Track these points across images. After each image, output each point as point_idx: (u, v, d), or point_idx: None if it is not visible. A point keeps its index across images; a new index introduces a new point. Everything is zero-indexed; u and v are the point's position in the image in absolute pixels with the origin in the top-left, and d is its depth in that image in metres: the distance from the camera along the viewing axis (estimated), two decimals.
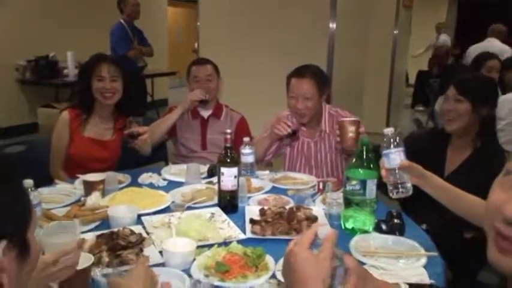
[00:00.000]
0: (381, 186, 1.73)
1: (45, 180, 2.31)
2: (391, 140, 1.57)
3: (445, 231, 1.97)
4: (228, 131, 1.92)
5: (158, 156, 3.20)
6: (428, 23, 11.01)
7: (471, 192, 1.65)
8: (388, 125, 6.68)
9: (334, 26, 3.94)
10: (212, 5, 4.34)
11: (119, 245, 1.51)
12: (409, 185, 1.57)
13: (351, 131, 2.06)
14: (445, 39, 9.64)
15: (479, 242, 1.70)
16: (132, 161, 2.69)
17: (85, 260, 1.32)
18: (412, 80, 10.21)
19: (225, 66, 3.04)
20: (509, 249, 0.76)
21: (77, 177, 2.20)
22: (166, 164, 3.05)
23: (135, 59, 5.61)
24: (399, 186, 1.57)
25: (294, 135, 2.40)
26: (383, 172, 1.57)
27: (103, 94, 2.43)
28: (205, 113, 2.89)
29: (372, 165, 1.71)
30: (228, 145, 1.91)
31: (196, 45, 6.78)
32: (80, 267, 1.28)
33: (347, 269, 1.00)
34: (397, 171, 1.56)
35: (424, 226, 2.02)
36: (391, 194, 1.60)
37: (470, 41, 6.41)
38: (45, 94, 6.36)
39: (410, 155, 2.01)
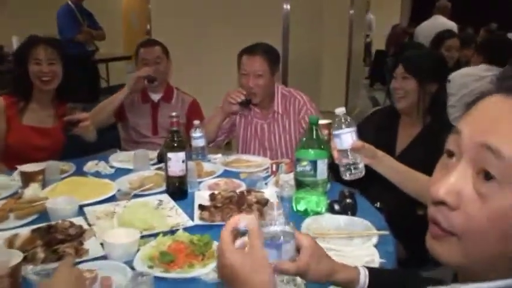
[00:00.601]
0: (333, 169, 1.70)
1: None
2: (342, 120, 1.52)
3: (398, 209, 1.95)
4: (174, 114, 1.84)
5: (110, 142, 3.09)
6: (385, 2, 11.09)
7: (421, 170, 1.63)
8: (347, 104, 6.74)
9: (288, 7, 3.87)
10: None
11: (55, 239, 1.42)
12: (361, 165, 1.53)
13: (325, 134, 1.99)
14: None
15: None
16: (81, 149, 2.57)
17: (13, 257, 1.22)
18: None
19: (177, 48, 2.94)
20: (439, 234, 0.68)
21: (16, 169, 2.06)
22: (119, 150, 2.94)
23: (84, 42, 5.38)
24: (351, 167, 1.53)
25: (247, 104, 2.35)
26: (335, 153, 1.53)
27: (40, 78, 2.28)
28: (156, 97, 2.78)
29: (322, 146, 1.66)
30: (174, 128, 1.83)
31: (148, 27, 6.62)
32: (6, 265, 1.18)
33: (299, 246, 0.98)
34: (349, 152, 1.52)
35: (377, 204, 2.01)
36: (343, 176, 1.56)
37: (426, 19, 6.46)
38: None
39: (366, 133, 2.00)
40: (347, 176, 1.55)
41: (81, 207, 1.71)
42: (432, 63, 2.14)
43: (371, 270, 1.10)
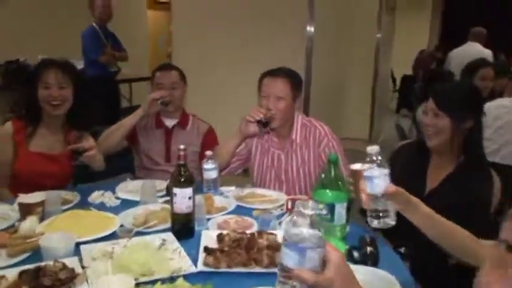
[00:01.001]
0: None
1: None
2: (375, 159, 1.35)
3: (425, 257, 1.77)
4: (182, 146, 1.71)
5: (125, 167, 2.99)
6: (413, 25, 10.92)
7: (452, 213, 1.47)
8: (371, 131, 6.56)
9: (312, 29, 3.76)
10: (185, 9, 4.15)
11: (42, 286, 1.29)
12: (392, 213, 1.36)
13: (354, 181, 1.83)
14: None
15: (464, 270, 1.52)
16: (92, 175, 2.47)
17: None
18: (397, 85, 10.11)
19: (197, 72, 2.84)
20: None
21: (18, 196, 1.96)
22: (134, 176, 2.83)
23: (107, 64, 5.36)
24: (381, 214, 1.36)
25: (265, 125, 2.19)
26: (363, 197, 1.36)
27: (50, 103, 2.20)
28: (170, 122, 2.67)
29: (340, 186, 1.50)
30: (181, 162, 1.70)
31: (170, 49, 6.61)
32: None
33: (326, 260, 0.90)
34: (380, 197, 1.34)
35: (402, 250, 1.83)
36: (371, 224, 1.39)
37: (455, 45, 6.26)
38: (16, 100, 6.09)
39: (393, 170, 1.83)
40: (375, 224, 1.38)
41: (77, 244, 1.59)
42: (467, 98, 1.92)
43: None
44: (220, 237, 1.63)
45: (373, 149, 1.35)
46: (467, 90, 2.02)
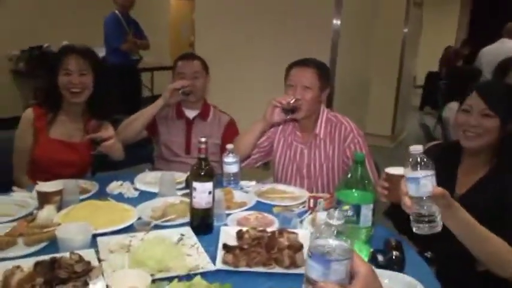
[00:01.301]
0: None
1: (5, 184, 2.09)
2: (419, 161, 1.24)
3: (452, 262, 1.69)
4: (203, 139, 1.66)
5: (145, 157, 2.97)
6: (441, 21, 10.68)
7: (482, 218, 1.40)
8: (394, 127, 6.43)
9: (339, 22, 3.66)
10: (209, 1, 4.07)
11: (57, 278, 1.26)
12: (439, 217, 1.26)
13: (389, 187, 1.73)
14: None
15: (493, 278, 1.45)
16: (112, 164, 2.45)
17: None
18: (420, 81, 9.91)
19: (220, 62, 2.78)
20: None
21: (37, 184, 1.94)
22: (153, 167, 2.81)
23: (129, 51, 5.35)
24: (427, 219, 1.26)
25: (292, 113, 2.15)
26: (406, 201, 1.26)
27: (70, 90, 2.18)
28: (191, 113, 2.63)
29: (367, 186, 1.44)
30: (202, 156, 1.65)
31: (192, 38, 6.56)
32: None
33: (354, 273, 0.86)
34: (425, 200, 1.25)
35: (428, 254, 1.76)
36: (415, 229, 1.29)
37: (483, 42, 6.08)
38: (39, 86, 6.13)
39: None
40: (419, 229, 1.28)
41: (94, 235, 1.56)
42: None
43: None
44: (239, 234, 1.58)
45: (416, 148, 1.25)
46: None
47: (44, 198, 1.75)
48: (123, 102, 4.85)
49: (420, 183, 1.23)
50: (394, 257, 1.45)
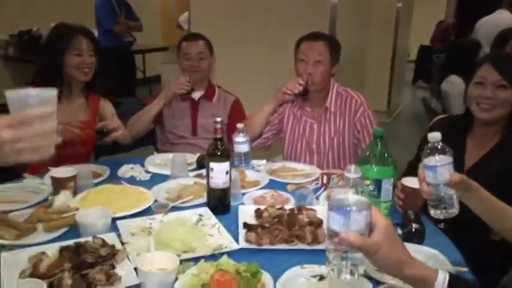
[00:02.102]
0: None
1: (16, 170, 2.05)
2: (438, 147, 1.23)
3: (466, 232, 1.71)
4: (219, 119, 1.65)
5: (146, 141, 2.96)
6: None
7: (495, 187, 1.38)
8: (389, 102, 6.45)
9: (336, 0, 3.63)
10: None
11: (85, 263, 1.26)
12: (455, 203, 1.26)
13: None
14: None
15: (506, 246, 1.48)
16: (114, 147, 2.43)
17: None
18: (413, 55, 9.90)
19: (218, 42, 2.74)
20: None
21: (48, 170, 1.93)
22: (156, 149, 2.80)
23: (121, 33, 5.28)
24: (444, 205, 1.26)
25: (304, 95, 2.18)
26: (423, 187, 1.25)
27: (82, 69, 2.19)
28: (196, 95, 2.61)
29: (386, 162, 1.45)
30: (218, 136, 1.64)
31: (180, 19, 6.48)
32: None
33: (373, 225, 0.90)
34: (442, 186, 1.24)
35: (441, 225, 1.78)
36: (432, 213, 1.29)
37: (473, 15, 6.09)
38: (30, 71, 6.02)
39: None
40: (437, 214, 1.28)
41: (114, 219, 1.56)
42: None
43: (453, 278, 0.94)
44: (258, 213, 1.59)
45: (434, 136, 1.23)
46: None
47: (58, 184, 1.74)
48: (118, 84, 4.82)
49: (438, 171, 1.23)
50: (413, 230, 1.47)
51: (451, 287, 0.92)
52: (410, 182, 1.55)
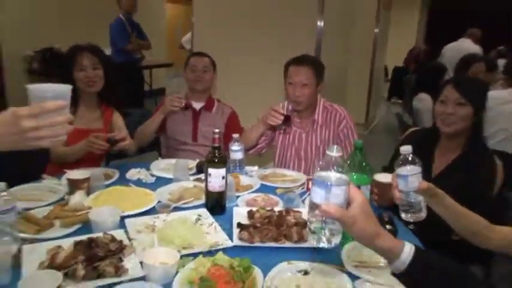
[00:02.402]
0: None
1: (36, 172, 2.03)
2: (409, 159, 1.25)
3: (432, 233, 1.72)
4: (217, 130, 1.65)
5: (151, 148, 2.95)
6: (405, 23, 10.75)
7: (457, 195, 1.39)
8: (367, 115, 6.48)
9: (322, 23, 3.65)
10: (206, 3, 4.01)
11: (96, 256, 1.25)
12: (423, 207, 1.28)
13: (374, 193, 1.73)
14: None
15: (466, 245, 1.49)
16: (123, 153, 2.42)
17: (54, 280, 1.07)
18: (388, 75, 9.96)
19: (217, 62, 2.75)
20: None
21: (64, 172, 1.91)
22: (160, 154, 2.79)
23: (132, 51, 5.28)
24: (413, 209, 1.28)
25: (287, 121, 2.17)
26: (396, 193, 1.26)
27: (87, 83, 2.20)
28: (198, 105, 2.62)
29: (364, 170, 1.45)
30: (216, 145, 1.64)
31: (182, 40, 6.51)
32: None
33: (351, 200, 0.90)
34: (412, 193, 1.26)
35: (411, 226, 1.79)
36: (402, 216, 1.30)
37: (439, 41, 6.21)
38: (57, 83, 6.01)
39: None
40: (407, 218, 1.29)
41: (122, 218, 1.55)
42: (484, 90, 1.87)
43: (418, 249, 0.93)
44: (250, 214, 1.59)
45: (406, 149, 1.25)
46: (482, 83, 1.96)
47: (74, 185, 1.73)
48: (128, 96, 4.81)
49: (408, 180, 1.24)
50: (388, 230, 1.46)
51: (416, 257, 0.91)
52: (382, 177, 1.55)
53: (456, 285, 0.93)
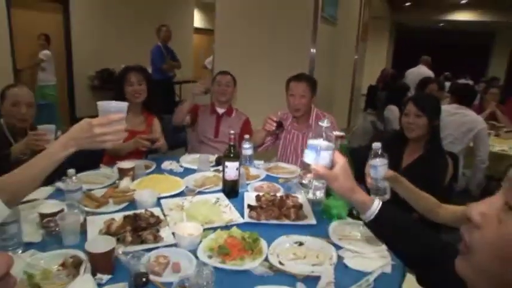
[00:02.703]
0: None
1: (95, 162, 2.05)
2: (379, 153, 1.26)
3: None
4: (232, 132, 1.65)
5: (181, 142, 2.98)
6: (377, 51, 10.69)
7: (420, 183, 1.39)
8: (349, 123, 6.43)
9: (314, 50, 3.63)
10: (224, 35, 4.00)
11: (140, 227, 1.26)
12: (388, 191, 1.28)
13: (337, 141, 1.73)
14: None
15: (424, 223, 1.47)
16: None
17: (109, 243, 1.07)
18: (364, 90, 9.91)
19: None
20: (463, 249, 0.55)
21: (116, 163, 1.92)
22: (186, 149, 2.80)
23: (167, 71, 5.29)
24: (381, 192, 1.28)
25: (280, 127, 2.14)
26: (368, 179, 1.26)
27: (133, 95, 2.20)
28: (221, 111, 2.60)
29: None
30: (232, 143, 1.63)
31: (206, 61, 6.55)
32: (105, 249, 1.05)
33: (335, 163, 0.93)
34: (380, 179, 1.26)
35: None
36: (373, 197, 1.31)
37: (402, 65, 6.29)
38: (107, 96, 6.05)
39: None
40: (375, 198, 1.29)
41: (158, 199, 1.55)
42: (436, 104, 1.88)
43: (384, 204, 0.94)
44: (258, 198, 1.58)
45: (377, 145, 1.25)
46: (435, 99, 1.95)
47: (122, 172, 1.74)
48: (163, 105, 4.81)
49: (378, 169, 1.25)
50: None
51: (381, 209, 0.92)
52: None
53: (411, 234, 0.93)
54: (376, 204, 0.93)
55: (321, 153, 0.89)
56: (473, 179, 2.84)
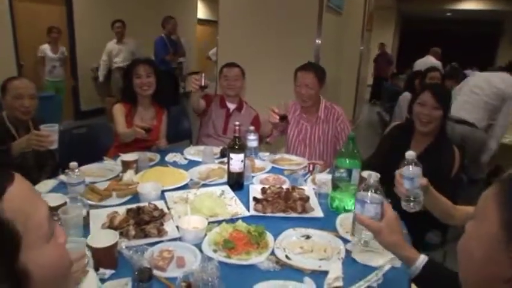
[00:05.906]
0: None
1: (99, 155, 2.01)
2: (413, 164, 1.15)
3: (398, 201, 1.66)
4: (237, 123, 1.61)
5: (184, 134, 2.94)
6: (381, 41, 10.51)
7: (427, 175, 1.27)
8: (354, 113, 6.36)
9: (320, 41, 3.56)
10: (228, 26, 3.93)
11: (143, 221, 1.23)
12: (422, 199, 1.18)
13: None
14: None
15: (424, 212, 1.42)
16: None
17: (113, 236, 1.05)
18: (369, 81, 9.79)
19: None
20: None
21: (119, 156, 1.89)
22: (191, 142, 2.75)
23: (170, 61, 5.26)
24: (415, 201, 1.17)
25: (284, 119, 2.08)
26: (401, 189, 1.15)
27: (142, 88, 2.13)
28: (231, 106, 2.52)
29: (356, 157, 1.40)
30: (237, 135, 1.59)
31: (209, 53, 6.50)
32: (107, 244, 1.02)
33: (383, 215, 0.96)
34: (415, 189, 1.16)
35: (389, 200, 1.71)
36: (405, 207, 1.19)
37: (408, 56, 6.19)
38: (110, 88, 6.03)
39: (385, 144, 1.70)
40: (409, 208, 1.18)
41: (162, 192, 1.52)
42: (450, 96, 1.81)
43: (430, 260, 0.93)
44: (263, 190, 1.55)
45: (410, 154, 1.15)
46: (448, 91, 1.88)
47: (126, 165, 1.71)
48: (169, 96, 4.77)
49: (414, 181, 1.15)
50: None
51: (426, 265, 0.92)
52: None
53: None
54: (421, 260, 0.92)
55: (365, 206, 0.95)
56: (487, 146, 2.82)
